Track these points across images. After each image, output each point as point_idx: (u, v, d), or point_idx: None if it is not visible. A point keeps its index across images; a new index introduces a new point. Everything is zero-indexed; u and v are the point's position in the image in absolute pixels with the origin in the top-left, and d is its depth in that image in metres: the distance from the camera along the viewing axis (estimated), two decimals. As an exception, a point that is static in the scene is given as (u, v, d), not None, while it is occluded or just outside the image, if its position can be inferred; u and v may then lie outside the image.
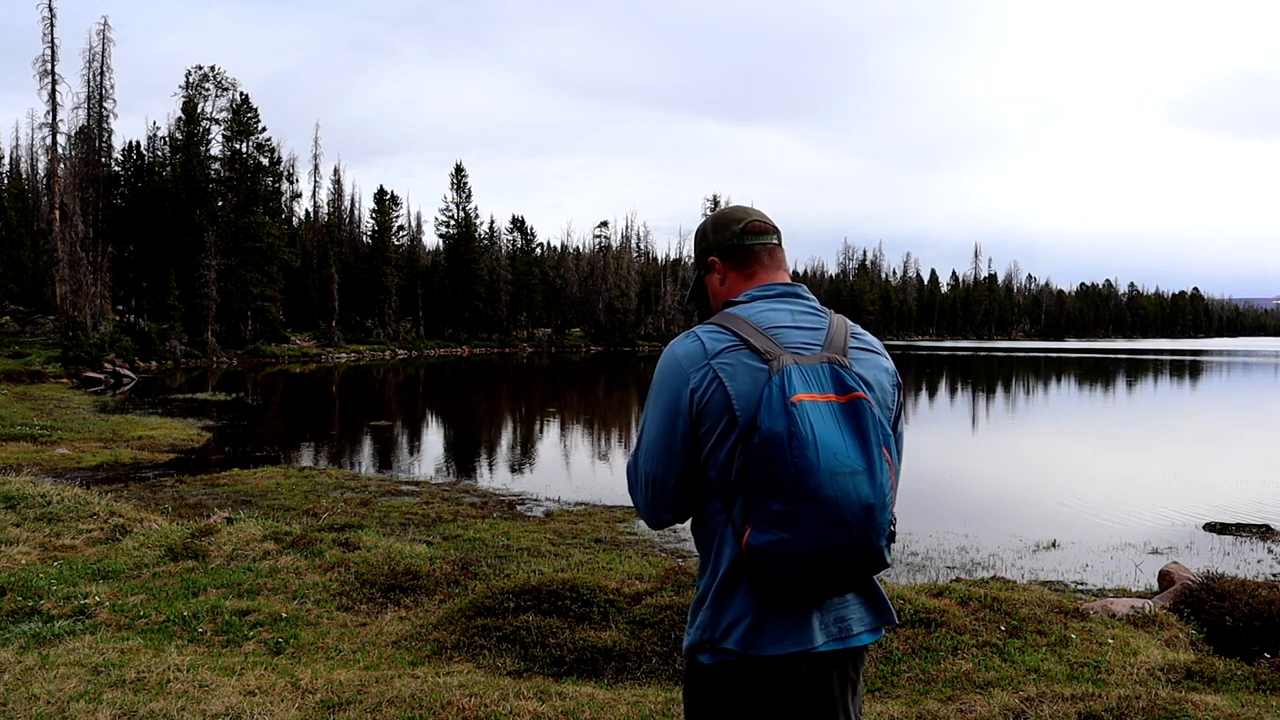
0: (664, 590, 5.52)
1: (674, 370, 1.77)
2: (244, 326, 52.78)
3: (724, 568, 1.74)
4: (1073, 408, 30.42)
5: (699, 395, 1.73)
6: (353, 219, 74.24)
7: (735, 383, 1.71)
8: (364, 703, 4.04)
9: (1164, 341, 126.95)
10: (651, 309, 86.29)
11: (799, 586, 1.68)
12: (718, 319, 1.83)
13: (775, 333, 1.77)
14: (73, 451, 15.25)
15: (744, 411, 1.69)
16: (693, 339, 1.79)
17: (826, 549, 1.64)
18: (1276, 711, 3.97)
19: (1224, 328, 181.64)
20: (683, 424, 1.74)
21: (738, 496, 1.70)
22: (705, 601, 1.77)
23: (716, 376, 1.72)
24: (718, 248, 1.98)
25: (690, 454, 1.76)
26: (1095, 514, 11.68)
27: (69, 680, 4.24)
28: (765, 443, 1.63)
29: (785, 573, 1.65)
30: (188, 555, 6.58)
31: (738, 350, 1.74)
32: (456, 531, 9.73)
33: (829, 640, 1.76)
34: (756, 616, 1.71)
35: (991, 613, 5.27)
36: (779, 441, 1.62)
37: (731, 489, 1.71)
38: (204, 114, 53.74)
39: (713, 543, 1.77)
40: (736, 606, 1.73)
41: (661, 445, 1.77)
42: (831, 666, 1.80)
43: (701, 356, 1.74)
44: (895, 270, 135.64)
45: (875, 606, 1.83)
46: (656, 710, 4.05)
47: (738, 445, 1.70)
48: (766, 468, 1.63)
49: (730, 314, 1.83)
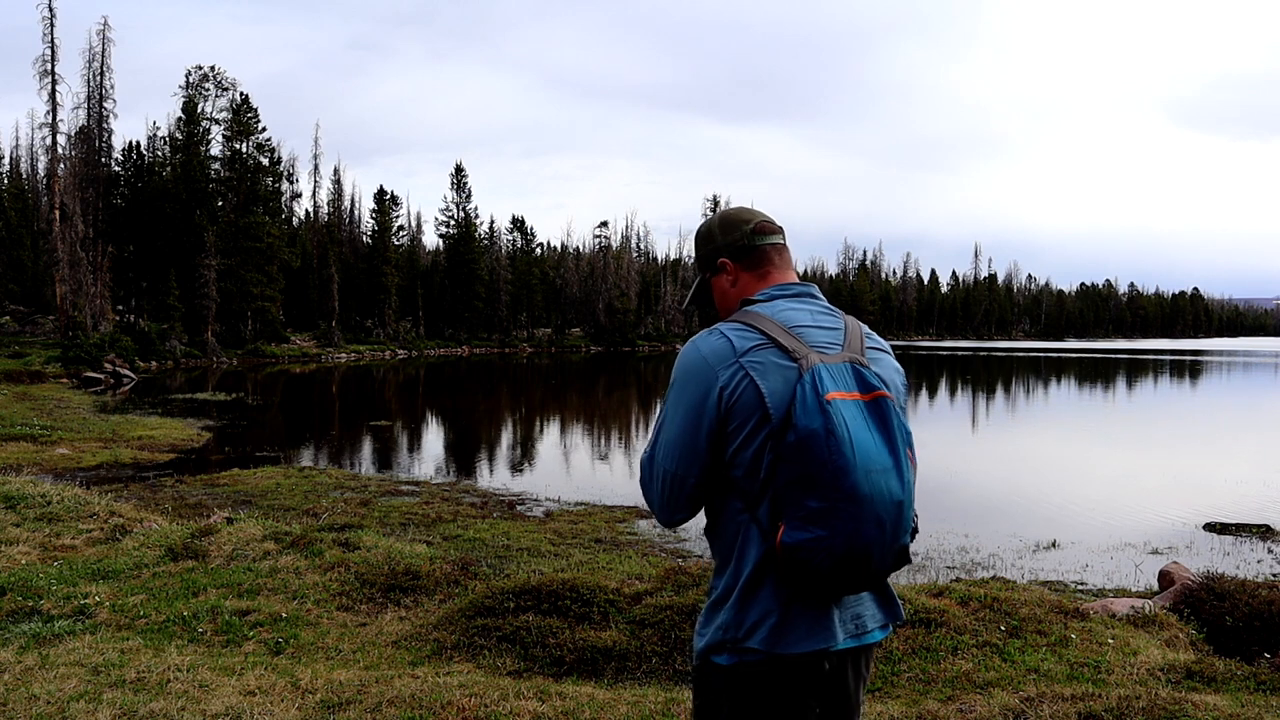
0: (664, 590, 5.52)
1: (700, 367, 1.75)
2: (244, 326, 52.77)
3: (749, 567, 1.73)
4: (1072, 408, 30.42)
5: (728, 393, 1.71)
6: (353, 219, 74.28)
7: (767, 381, 1.71)
8: (364, 703, 4.04)
9: (1164, 341, 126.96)
10: (651, 309, 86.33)
11: (832, 584, 1.68)
12: (740, 317, 1.82)
13: (799, 332, 1.78)
14: (73, 451, 15.25)
15: (776, 409, 1.69)
16: (718, 336, 1.77)
17: (863, 546, 1.65)
18: (1276, 711, 3.97)
19: (1224, 328, 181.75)
20: (709, 421, 1.73)
21: (765, 495, 1.70)
22: (727, 601, 1.76)
23: (748, 374, 1.71)
24: (728, 249, 1.96)
25: (713, 452, 1.74)
26: (1095, 514, 11.68)
27: (69, 680, 4.24)
28: (802, 440, 1.64)
29: (822, 570, 1.66)
30: (188, 555, 6.58)
31: (766, 348, 1.74)
32: (456, 531, 9.73)
33: (847, 637, 1.77)
34: (782, 615, 1.71)
35: (991, 613, 5.27)
36: (816, 439, 1.63)
37: (760, 487, 1.71)
38: (204, 114, 53.79)
39: (734, 542, 1.76)
40: (761, 605, 1.72)
41: (683, 442, 1.75)
42: (848, 664, 1.81)
43: (730, 354, 1.73)
44: (895, 270, 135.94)
45: (887, 604, 1.86)
46: (656, 710, 4.05)
47: (767, 443, 1.69)
48: (802, 465, 1.64)
49: (753, 312, 1.83)
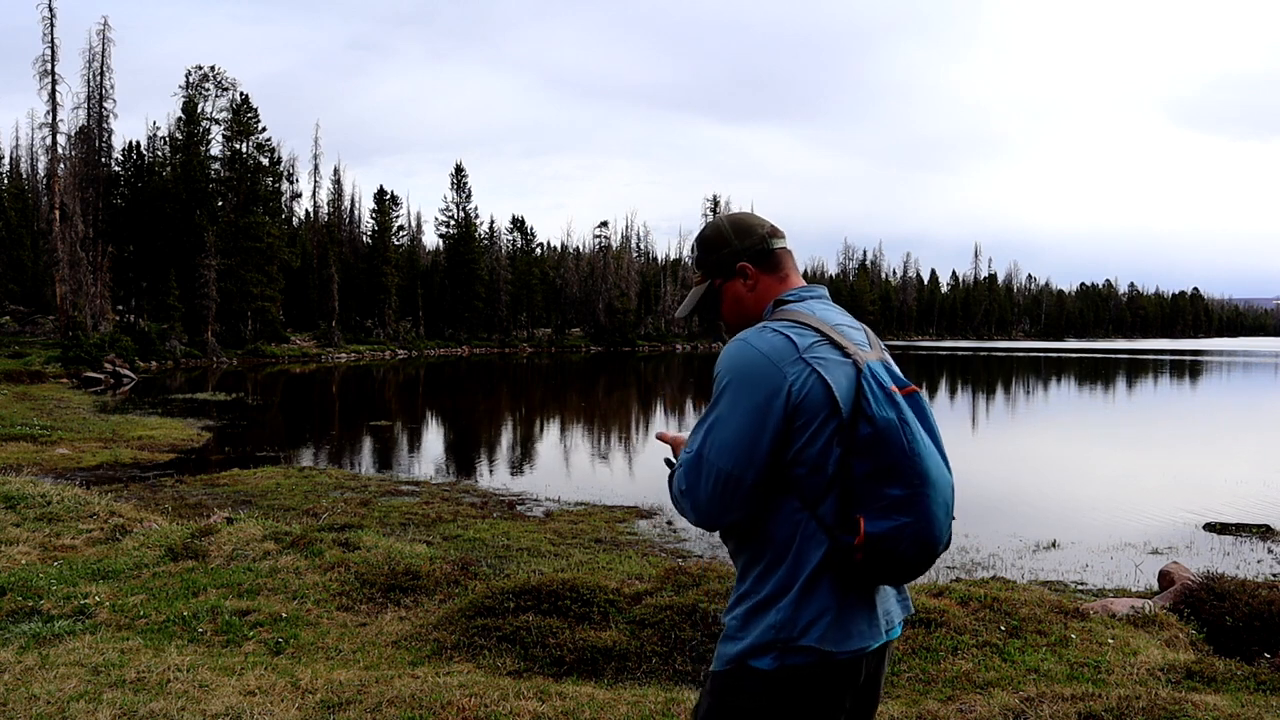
0: (664, 590, 5.52)
1: (762, 365, 1.73)
2: (244, 326, 52.76)
3: (811, 565, 1.72)
4: (1072, 408, 30.41)
5: (796, 390, 1.70)
6: (353, 219, 74.27)
7: (833, 376, 1.72)
8: (364, 703, 4.04)
9: (1164, 341, 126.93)
10: (651, 309, 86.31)
11: (909, 570, 1.72)
12: (786, 315, 1.82)
13: (838, 329, 1.81)
14: (73, 451, 15.25)
15: (845, 404, 1.70)
16: (773, 334, 1.76)
17: (938, 529, 1.71)
18: (1276, 711, 3.97)
19: (1224, 328, 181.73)
20: (775, 420, 1.70)
21: (830, 491, 1.71)
22: (779, 602, 1.74)
23: (815, 371, 1.71)
24: (748, 252, 1.95)
25: (775, 451, 1.72)
26: (1095, 514, 11.68)
27: (69, 680, 4.24)
28: (880, 432, 1.67)
29: (906, 557, 1.69)
30: (188, 555, 6.58)
31: (824, 345, 1.76)
32: (456, 531, 9.73)
33: (884, 633, 1.81)
34: (838, 612, 1.73)
35: (991, 613, 5.27)
36: (894, 429, 1.67)
37: (826, 484, 1.71)
38: (204, 114, 53.77)
39: (791, 541, 1.74)
40: (818, 603, 1.72)
41: (745, 442, 1.71)
42: (879, 658, 1.84)
43: (793, 351, 1.73)
44: (895, 270, 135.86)
45: (903, 598, 1.91)
46: (656, 710, 4.05)
47: (834, 438, 1.70)
48: (881, 456, 1.67)
49: (797, 311, 1.84)
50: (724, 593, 5.32)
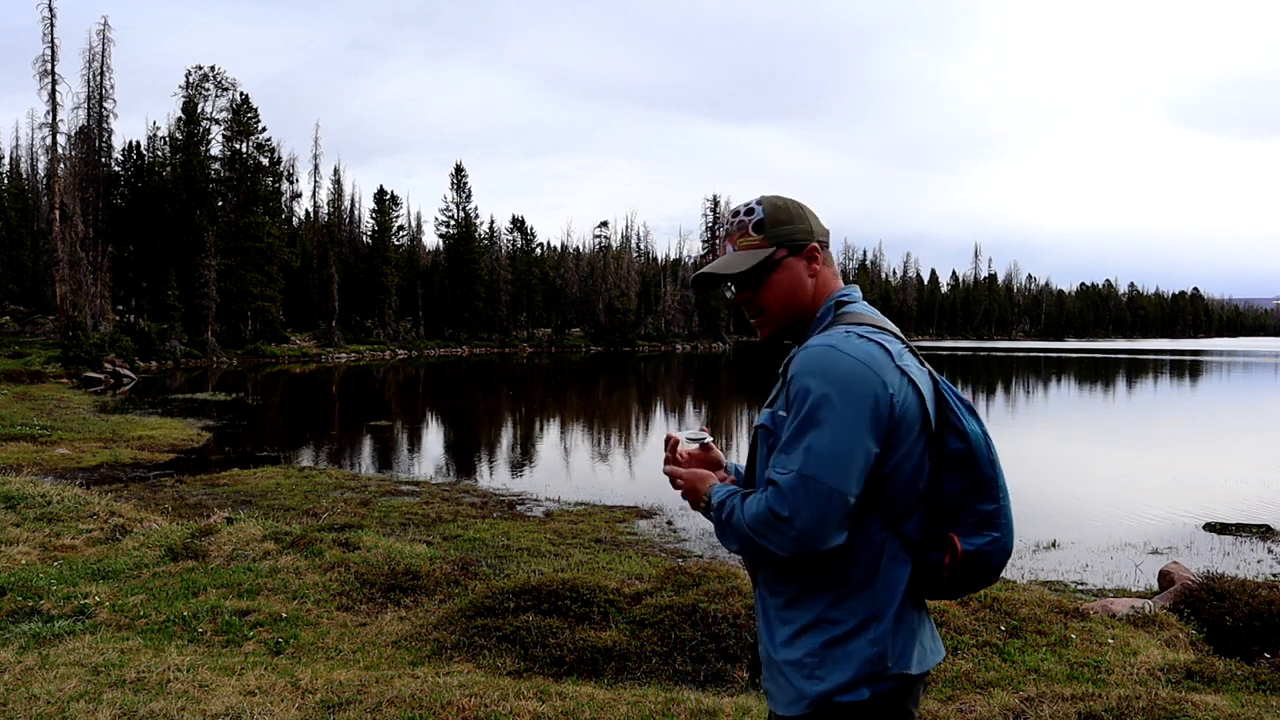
0: (664, 590, 5.52)
1: (864, 375, 1.58)
2: (244, 326, 52.77)
3: (900, 588, 1.63)
4: (1072, 408, 30.41)
5: (899, 400, 1.59)
6: (353, 219, 74.27)
7: (923, 385, 1.64)
8: (364, 703, 4.04)
9: (1164, 342, 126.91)
10: (651, 309, 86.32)
11: (985, 585, 1.71)
12: (863, 319, 1.69)
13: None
14: (73, 451, 15.25)
15: (934, 414, 1.63)
16: (861, 340, 1.62)
17: (1013, 539, 1.70)
18: (1276, 711, 3.97)
19: (1224, 328, 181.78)
20: (881, 432, 1.58)
21: (917, 507, 1.63)
22: (869, 631, 1.62)
23: (910, 380, 1.62)
24: (819, 236, 1.78)
25: (877, 465, 1.59)
26: (1095, 514, 11.68)
27: (69, 680, 4.24)
28: (971, 446, 1.62)
29: (995, 571, 1.67)
30: (188, 555, 6.58)
31: (909, 353, 1.67)
32: (456, 531, 9.73)
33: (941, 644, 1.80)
34: (920, 633, 1.69)
35: (991, 613, 5.27)
36: (980, 443, 1.63)
37: (915, 500, 1.62)
38: (204, 114, 53.79)
39: (876, 562, 1.62)
40: (907, 627, 1.66)
41: (853, 456, 1.55)
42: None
43: (888, 360, 1.61)
44: (895, 270, 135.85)
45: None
46: (656, 710, 4.05)
47: (925, 452, 1.62)
48: (972, 471, 1.62)
49: (862, 313, 1.71)
50: (724, 593, 5.32)
